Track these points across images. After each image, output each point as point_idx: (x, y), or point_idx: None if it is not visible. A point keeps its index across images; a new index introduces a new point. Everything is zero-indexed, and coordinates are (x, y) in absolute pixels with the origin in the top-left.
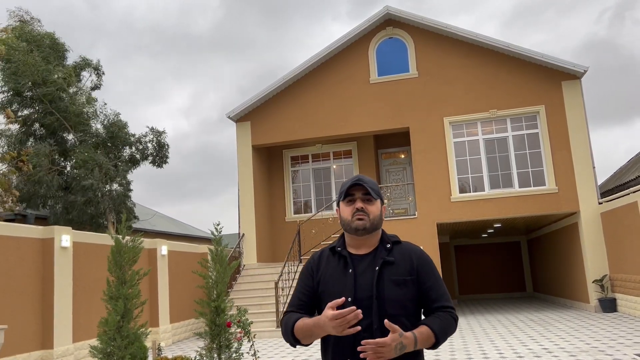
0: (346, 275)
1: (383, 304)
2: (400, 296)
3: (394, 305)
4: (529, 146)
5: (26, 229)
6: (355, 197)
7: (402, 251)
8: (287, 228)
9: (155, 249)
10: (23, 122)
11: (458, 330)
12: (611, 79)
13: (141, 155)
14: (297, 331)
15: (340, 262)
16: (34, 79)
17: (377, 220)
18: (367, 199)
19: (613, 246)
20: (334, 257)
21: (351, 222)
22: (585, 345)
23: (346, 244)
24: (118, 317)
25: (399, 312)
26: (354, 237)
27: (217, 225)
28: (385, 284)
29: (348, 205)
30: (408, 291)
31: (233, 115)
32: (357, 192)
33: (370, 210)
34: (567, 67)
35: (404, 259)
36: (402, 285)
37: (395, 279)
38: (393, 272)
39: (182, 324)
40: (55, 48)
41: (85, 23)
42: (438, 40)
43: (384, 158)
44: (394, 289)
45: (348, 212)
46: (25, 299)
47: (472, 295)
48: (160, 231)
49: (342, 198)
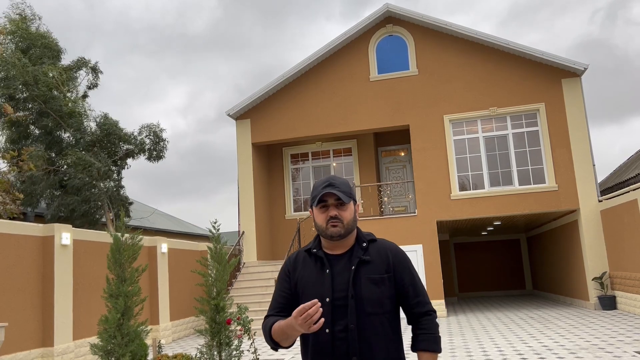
0: (323, 275)
1: (361, 303)
2: (377, 294)
3: (372, 303)
4: (529, 144)
5: (26, 226)
6: (328, 203)
7: (378, 249)
8: (287, 226)
9: (155, 246)
10: (18, 123)
11: (458, 328)
12: (604, 78)
13: (138, 149)
14: (274, 334)
15: (317, 263)
16: (24, 79)
17: (351, 224)
18: (340, 203)
19: (613, 244)
20: (310, 258)
21: (326, 229)
22: (585, 342)
23: (322, 246)
24: (118, 314)
25: (377, 311)
26: (329, 241)
27: (215, 223)
28: (362, 282)
29: (322, 212)
30: (385, 289)
31: (233, 113)
32: (330, 198)
33: (344, 216)
34: (567, 64)
35: (380, 257)
36: (379, 283)
37: (372, 277)
38: (370, 270)
39: (182, 321)
40: (50, 47)
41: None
42: (438, 38)
43: (384, 156)
44: (371, 287)
45: (322, 219)
46: (26, 297)
47: (472, 292)
48: (160, 229)
49: (314, 204)
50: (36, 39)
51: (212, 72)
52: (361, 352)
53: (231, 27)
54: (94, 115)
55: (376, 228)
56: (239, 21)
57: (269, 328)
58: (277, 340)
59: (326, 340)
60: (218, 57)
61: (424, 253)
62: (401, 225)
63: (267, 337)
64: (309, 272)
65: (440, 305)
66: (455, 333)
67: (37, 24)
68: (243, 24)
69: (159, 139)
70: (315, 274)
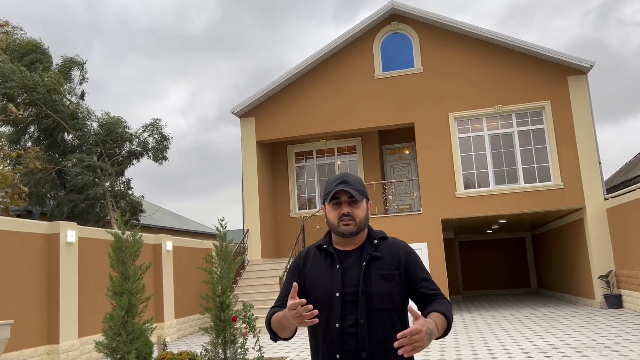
0: (333, 270)
1: (371, 298)
2: (387, 290)
3: (382, 299)
4: (535, 142)
5: (32, 224)
6: (341, 200)
7: (389, 246)
8: (292, 224)
9: (160, 244)
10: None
11: (463, 326)
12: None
13: (142, 149)
14: (273, 324)
15: (327, 258)
16: (23, 83)
17: (363, 222)
18: (353, 201)
19: (619, 242)
20: (320, 254)
21: (338, 226)
22: (592, 341)
23: (332, 242)
24: (122, 312)
25: (387, 306)
26: (341, 237)
27: (222, 221)
28: (372, 278)
29: (334, 209)
30: (395, 285)
31: (237, 111)
32: (343, 195)
33: (356, 214)
34: (573, 62)
35: (390, 254)
36: (389, 279)
37: (382, 273)
38: (380, 266)
39: (187, 319)
40: (42, 52)
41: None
42: (443, 35)
43: (389, 154)
44: (382, 282)
45: (334, 216)
46: (31, 294)
47: (477, 291)
48: (164, 227)
49: (327, 201)
50: (27, 47)
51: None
52: (371, 347)
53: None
54: (96, 115)
55: (381, 226)
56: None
57: (269, 318)
58: (275, 329)
59: (336, 335)
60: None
61: (428, 251)
62: (406, 223)
63: (267, 326)
64: (319, 268)
65: None
66: (460, 331)
67: (19, 34)
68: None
69: (163, 137)
70: (326, 269)
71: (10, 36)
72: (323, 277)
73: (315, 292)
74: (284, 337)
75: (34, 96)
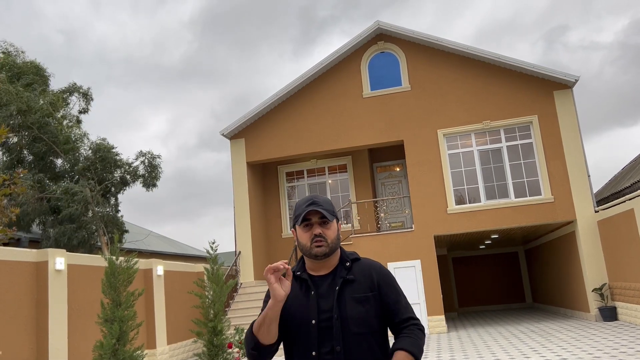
0: (308, 298)
1: (347, 323)
2: (362, 313)
3: (358, 323)
4: (524, 156)
5: (19, 252)
6: (312, 221)
7: (362, 268)
8: (284, 244)
9: (151, 269)
10: (9, 150)
11: (459, 343)
12: None
13: (132, 177)
14: (256, 327)
15: (302, 285)
16: (18, 106)
17: (335, 242)
18: (324, 222)
19: (611, 254)
20: (295, 281)
21: (310, 248)
22: (588, 355)
23: (306, 267)
24: (113, 340)
25: (363, 330)
26: (314, 261)
27: (213, 244)
28: (347, 302)
29: (305, 231)
30: (371, 307)
31: (227, 132)
32: (314, 216)
33: (327, 234)
34: (558, 76)
35: (364, 276)
36: (364, 303)
37: (356, 297)
38: (354, 290)
39: (180, 344)
40: (40, 74)
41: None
42: (429, 53)
43: (379, 171)
44: (356, 306)
45: (306, 238)
46: (20, 324)
47: (472, 307)
48: (155, 251)
49: (298, 223)
50: (25, 68)
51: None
52: None
53: (207, 58)
54: (91, 139)
55: (373, 244)
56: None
57: (249, 329)
58: (257, 331)
59: None
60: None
61: (422, 268)
62: (398, 240)
63: (247, 340)
64: (294, 295)
65: (440, 321)
66: (456, 349)
67: (21, 57)
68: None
69: (153, 167)
70: (301, 297)
71: (9, 56)
72: (299, 305)
73: (291, 321)
74: (266, 342)
75: (29, 118)
